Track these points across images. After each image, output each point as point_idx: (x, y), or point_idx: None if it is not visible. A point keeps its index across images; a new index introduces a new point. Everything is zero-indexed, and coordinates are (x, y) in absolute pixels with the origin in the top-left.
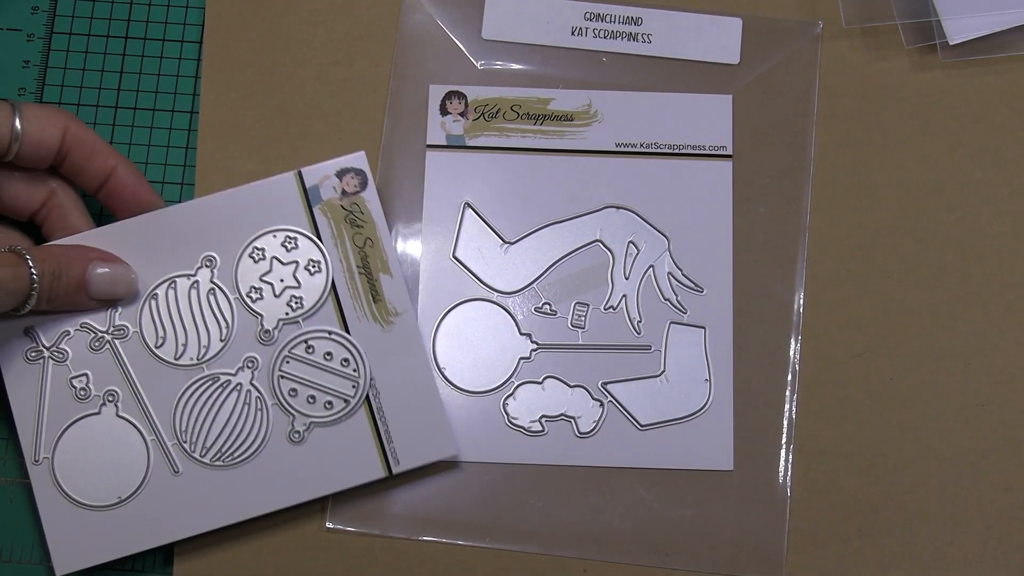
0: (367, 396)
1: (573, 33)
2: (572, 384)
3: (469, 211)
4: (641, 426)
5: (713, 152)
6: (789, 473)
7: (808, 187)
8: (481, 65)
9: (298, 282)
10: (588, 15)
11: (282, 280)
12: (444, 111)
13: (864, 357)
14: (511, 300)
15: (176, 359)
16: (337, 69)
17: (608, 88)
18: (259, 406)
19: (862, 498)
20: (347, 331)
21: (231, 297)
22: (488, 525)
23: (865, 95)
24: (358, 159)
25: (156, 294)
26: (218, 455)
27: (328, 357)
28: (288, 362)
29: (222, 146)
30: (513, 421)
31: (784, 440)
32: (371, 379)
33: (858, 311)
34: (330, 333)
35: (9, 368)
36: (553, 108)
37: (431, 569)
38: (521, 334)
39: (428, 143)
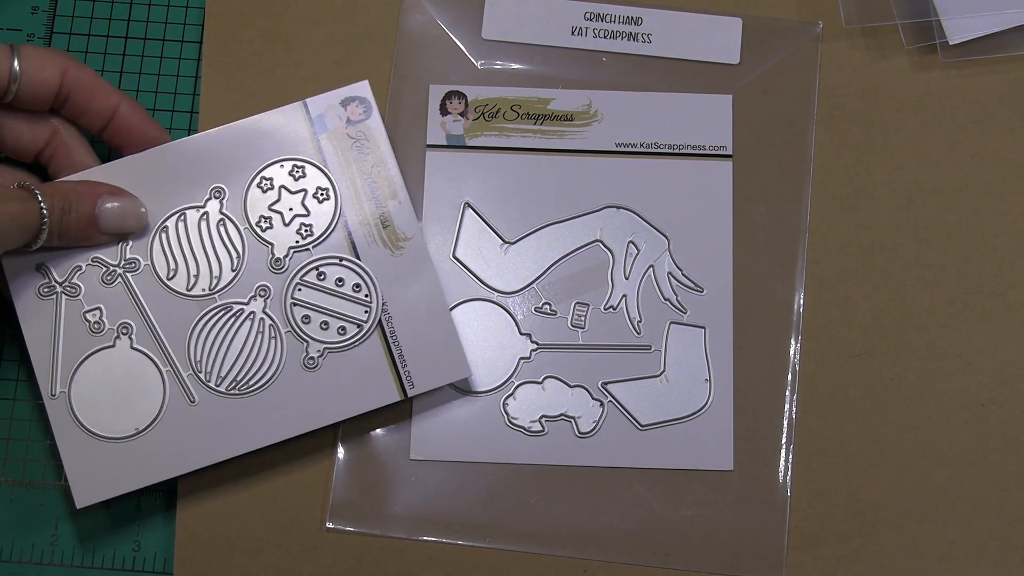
0: (380, 321)
1: (573, 33)
2: (572, 384)
3: (469, 211)
4: (641, 426)
5: (713, 152)
6: (789, 473)
7: (808, 187)
8: (481, 65)
9: (307, 210)
10: (588, 15)
11: (291, 208)
12: (444, 111)
13: (864, 357)
14: (511, 300)
15: (188, 290)
16: (337, 69)
17: (608, 88)
18: (272, 334)
19: (862, 498)
20: (357, 257)
21: (241, 227)
22: (488, 525)
23: (865, 95)
24: (362, 88)
25: (166, 227)
26: (233, 384)
27: (340, 283)
28: (300, 289)
29: None
30: (513, 421)
31: (784, 440)
32: (383, 304)
33: (858, 311)
34: (341, 259)
35: (22, 304)
36: (553, 108)
37: (431, 569)
38: (521, 334)
39: (428, 143)
